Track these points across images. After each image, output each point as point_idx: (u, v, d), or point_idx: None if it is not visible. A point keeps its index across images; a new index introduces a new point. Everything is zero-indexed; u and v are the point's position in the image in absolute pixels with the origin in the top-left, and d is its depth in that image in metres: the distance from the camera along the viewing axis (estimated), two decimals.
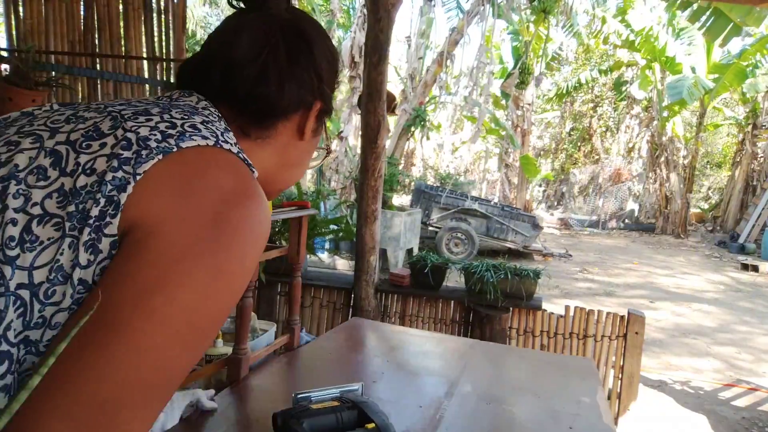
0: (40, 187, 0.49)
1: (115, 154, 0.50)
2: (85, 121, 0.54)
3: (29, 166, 0.50)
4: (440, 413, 1.15)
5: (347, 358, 1.58)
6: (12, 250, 0.47)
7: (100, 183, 0.49)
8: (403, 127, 10.11)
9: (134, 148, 0.51)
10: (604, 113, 20.18)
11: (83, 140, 0.51)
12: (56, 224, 0.48)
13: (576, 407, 1.23)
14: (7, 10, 2.96)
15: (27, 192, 0.48)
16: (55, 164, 0.50)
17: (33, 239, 0.47)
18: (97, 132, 0.52)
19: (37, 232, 0.48)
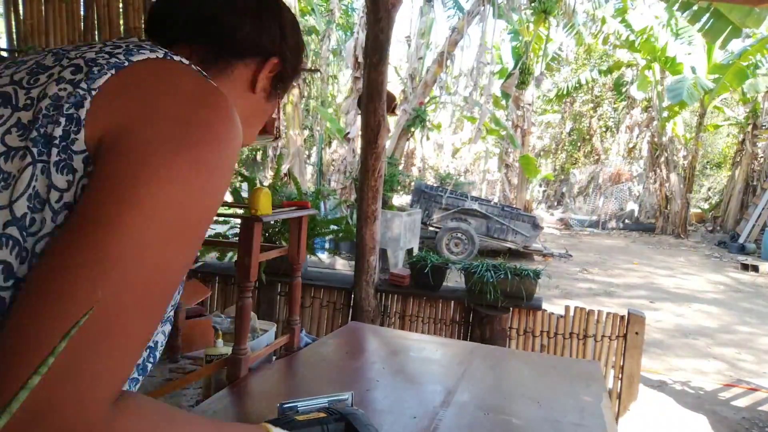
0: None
1: (65, 78, 0.50)
2: (26, 62, 0.55)
3: None
4: (435, 424, 1.13)
5: (343, 364, 1.57)
6: None
7: (57, 106, 0.49)
8: (403, 127, 10.11)
9: (84, 69, 0.51)
10: (604, 113, 20.17)
11: (29, 77, 0.52)
12: (23, 155, 0.48)
13: (579, 416, 1.21)
14: (7, 10, 2.96)
15: None
16: (5, 104, 0.50)
17: (5, 177, 0.47)
18: (41, 67, 0.53)
19: (6, 168, 0.47)
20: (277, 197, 3.68)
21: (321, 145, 13.45)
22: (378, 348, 1.75)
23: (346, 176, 9.77)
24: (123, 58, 0.53)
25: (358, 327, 1.97)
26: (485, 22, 8.78)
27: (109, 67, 0.51)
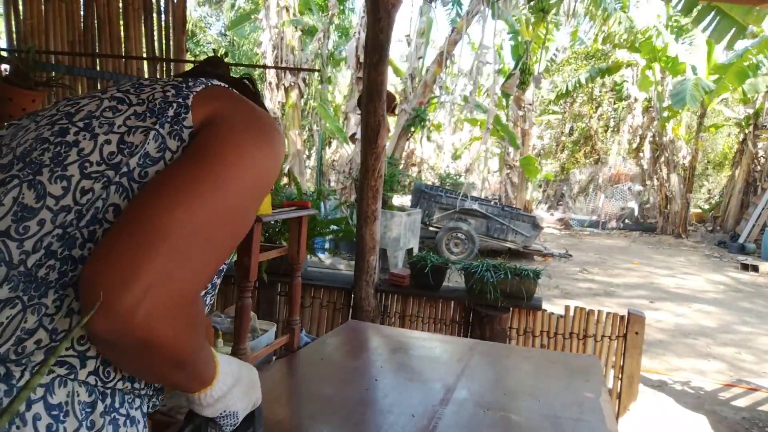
0: (119, 114, 0.67)
1: (167, 89, 0.70)
2: (123, 84, 0.74)
3: (100, 108, 0.68)
4: (434, 423, 1.12)
5: (342, 363, 1.56)
6: (114, 159, 0.63)
7: (166, 100, 0.68)
8: (403, 127, 10.11)
9: (181, 84, 0.71)
10: (605, 113, 20.17)
11: (134, 89, 0.71)
12: (142, 130, 0.65)
13: (578, 411, 1.20)
14: (7, 10, 2.96)
15: (108, 121, 0.66)
16: (122, 102, 0.69)
17: (129, 145, 0.64)
18: (141, 85, 0.72)
19: (129, 140, 0.64)
20: (277, 197, 3.68)
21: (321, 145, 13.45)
22: (377, 346, 1.74)
23: (346, 176, 9.77)
24: (205, 80, 0.74)
25: (358, 325, 1.96)
26: (485, 22, 8.78)
27: (199, 83, 0.72)
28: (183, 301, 0.55)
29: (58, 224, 0.59)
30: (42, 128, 0.67)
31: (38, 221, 0.59)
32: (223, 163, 0.62)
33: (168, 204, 0.56)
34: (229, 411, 0.73)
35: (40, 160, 0.62)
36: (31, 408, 0.55)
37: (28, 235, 0.58)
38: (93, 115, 0.67)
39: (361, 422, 1.12)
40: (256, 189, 0.66)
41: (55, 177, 0.61)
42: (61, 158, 0.62)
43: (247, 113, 0.70)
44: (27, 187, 0.60)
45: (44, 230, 0.58)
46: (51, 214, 0.59)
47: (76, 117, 0.67)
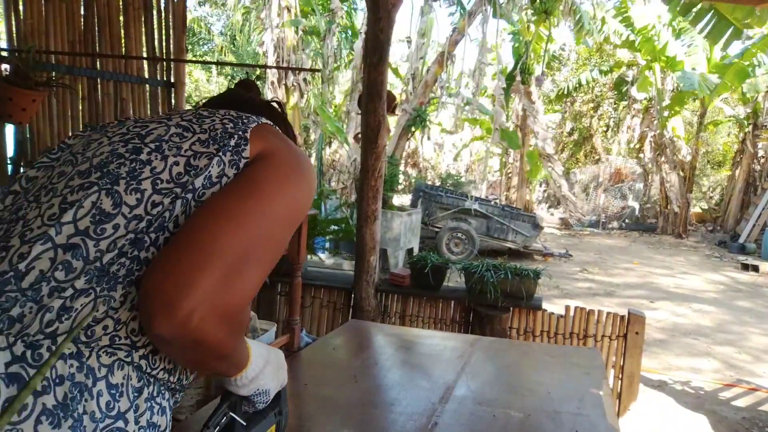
0: (185, 140, 0.76)
1: (225, 123, 0.78)
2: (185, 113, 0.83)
3: (168, 134, 0.76)
4: (434, 420, 1.12)
5: (344, 362, 1.56)
6: (181, 179, 0.71)
7: (226, 130, 0.76)
8: (403, 127, 10.10)
9: (237, 119, 0.80)
10: (605, 113, 20.16)
11: (196, 119, 0.80)
12: (206, 156, 0.73)
13: (578, 406, 1.20)
14: (7, 10, 2.96)
15: (176, 145, 0.75)
16: (187, 130, 0.77)
17: (195, 168, 0.72)
18: (203, 117, 0.81)
19: (194, 163, 0.73)
20: None
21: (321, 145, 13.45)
22: (379, 345, 1.74)
23: (347, 176, 9.76)
24: (256, 119, 0.82)
25: (359, 325, 1.96)
26: (486, 23, 8.78)
27: (252, 121, 0.80)
28: (232, 310, 0.65)
29: (131, 230, 0.67)
30: (116, 144, 0.76)
31: (113, 225, 0.67)
32: (268, 198, 0.72)
33: (224, 229, 0.66)
34: (262, 389, 0.83)
35: (117, 172, 0.71)
36: (96, 385, 0.63)
37: (105, 236, 0.66)
38: (162, 138, 0.76)
39: (362, 421, 1.13)
40: (292, 218, 0.76)
41: (130, 189, 0.69)
42: (136, 173, 0.71)
43: (289, 153, 0.80)
44: (105, 195, 0.69)
45: (118, 234, 0.67)
46: (125, 221, 0.67)
47: (148, 139, 0.76)
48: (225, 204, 0.69)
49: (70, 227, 0.66)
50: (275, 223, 0.72)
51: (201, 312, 0.60)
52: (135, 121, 0.82)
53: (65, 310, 0.62)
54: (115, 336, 0.65)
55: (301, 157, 0.82)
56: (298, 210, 0.77)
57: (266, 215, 0.71)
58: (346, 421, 1.10)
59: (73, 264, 0.64)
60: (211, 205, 0.70)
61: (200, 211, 0.69)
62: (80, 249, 0.65)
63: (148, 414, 0.69)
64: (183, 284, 0.60)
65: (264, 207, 0.71)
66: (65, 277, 0.64)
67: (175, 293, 0.60)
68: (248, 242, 0.67)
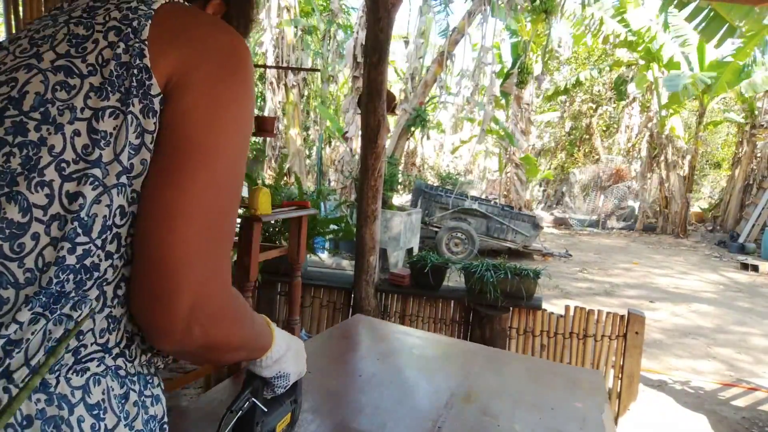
0: (74, 92, 0.58)
1: (113, 41, 0.59)
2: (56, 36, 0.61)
3: (49, 88, 0.58)
4: (438, 425, 1.13)
5: (346, 358, 1.56)
6: (91, 155, 0.56)
7: (122, 63, 0.58)
8: (403, 126, 10.11)
9: (124, 27, 0.60)
10: (604, 113, 20.17)
11: (73, 48, 0.60)
12: (111, 113, 0.57)
13: (581, 427, 1.20)
14: (7, 10, 2.96)
15: (66, 103, 0.57)
16: (70, 73, 0.58)
17: (104, 134, 0.57)
18: (78, 37, 0.61)
19: (101, 127, 0.57)
20: (277, 197, 3.68)
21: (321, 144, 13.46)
22: (382, 344, 1.74)
23: (346, 176, 9.77)
24: (146, 8, 0.62)
25: (363, 320, 1.96)
26: (485, 23, 8.78)
27: (144, 19, 0.60)
28: (223, 303, 0.61)
29: (58, 237, 0.55)
30: None
31: (32, 235, 0.54)
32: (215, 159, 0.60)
33: (186, 231, 0.57)
34: (283, 372, 0.82)
35: (9, 167, 0.55)
36: (74, 412, 0.55)
37: (26, 252, 0.54)
38: (45, 99, 0.57)
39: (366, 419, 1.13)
40: (245, 146, 0.65)
41: (34, 185, 0.55)
42: (33, 162, 0.55)
43: (216, 56, 0.62)
44: (6, 201, 0.54)
45: (41, 243, 0.55)
46: (43, 226, 0.55)
47: (26, 104, 0.57)
48: (174, 198, 0.57)
49: None
50: (233, 179, 0.62)
51: (197, 323, 0.57)
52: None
53: (12, 344, 0.52)
54: (81, 348, 0.57)
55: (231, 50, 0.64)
56: (247, 134, 0.65)
57: (223, 181, 0.60)
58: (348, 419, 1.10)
59: (3, 295, 0.53)
60: (158, 202, 0.58)
61: (150, 213, 0.58)
62: (2, 275, 0.53)
63: (141, 413, 0.64)
64: (168, 306, 0.56)
65: (218, 174, 0.60)
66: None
67: (164, 317, 0.56)
68: (215, 227, 0.59)
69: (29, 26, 0.66)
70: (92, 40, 0.60)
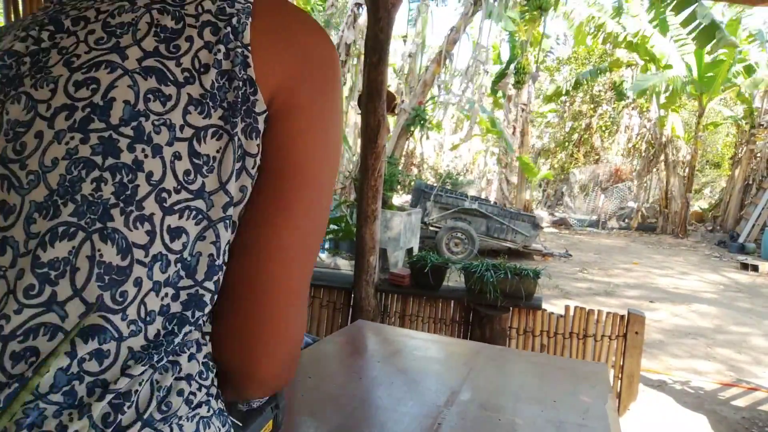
0: (170, 107, 0.47)
1: (210, 41, 0.49)
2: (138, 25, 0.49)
3: (140, 96, 0.47)
4: (438, 422, 1.12)
5: (348, 362, 1.56)
6: (194, 183, 0.47)
7: (224, 72, 0.48)
8: (403, 126, 10.11)
9: (222, 24, 0.49)
10: (604, 113, 20.17)
11: (163, 45, 0.48)
12: (214, 134, 0.48)
13: (584, 417, 1.20)
14: (7, 10, 2.96)
15: (162, 120, 0.47)
16: (163, 78, 0.47)
17: (206, 160, 0.48)
18: (167, 30, 0.49)
19: (203, 151, 0.47)
20: None
21: None
22: (383, 347, 1.74)
23: (345, 176, 9.76)
24: (244, 0, 0.51)
25: (364, 325, 1.96)
26: (482, 21, 8.79)
27: (244, 15, 0.50)
28: (299, 348, 0.58)
29: (161, 280, 0.47)
30: (67, 137, 0.46)
31: (134, 281, 0.45)
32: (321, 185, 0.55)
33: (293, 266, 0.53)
34: None
35: (101, 198, 0.45)
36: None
37: (128, 301, 0.45)
38: (137, 111, 0.46)
39: (364, 420, 1.12)
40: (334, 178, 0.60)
41: (133, 220, 0.45)
42: (129, 192, 0.45)
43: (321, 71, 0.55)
44: (101, 240, 0.45)
45: (143, 289, 0.46)
46: (145, 269, 0.46)
47: (113, 116, 0.46)
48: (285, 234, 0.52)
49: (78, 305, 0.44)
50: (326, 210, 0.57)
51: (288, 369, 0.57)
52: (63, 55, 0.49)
53: (124, 396, 0.45)
54: (191, 396, 0.50)
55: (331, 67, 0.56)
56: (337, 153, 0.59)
57: (321, 214, 0.56)
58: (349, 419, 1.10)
59: (103, 348, 0.45)
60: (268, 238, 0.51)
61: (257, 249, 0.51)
62: (105, 331, 0.45)
63: None
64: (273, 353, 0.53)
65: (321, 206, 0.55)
66: (100, 368, 0.45)
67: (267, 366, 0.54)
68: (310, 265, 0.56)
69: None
70: (185, 36, 0.49)
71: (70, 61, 0.48)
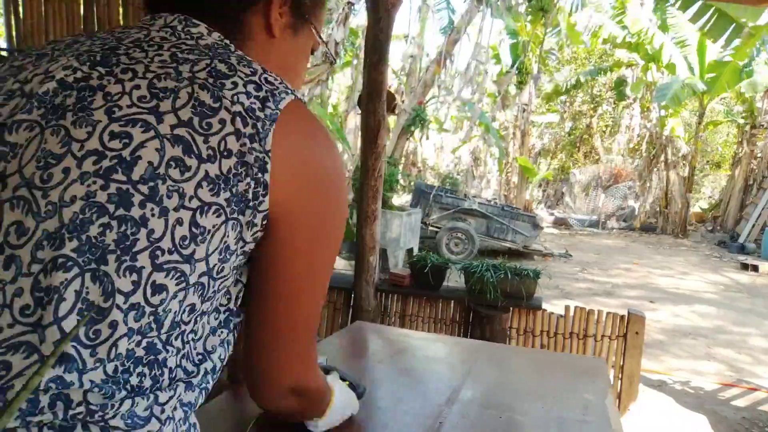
0: (187, 178, 0.51)
1: (240, 131, 0.53)
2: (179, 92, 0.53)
3: (163, 162, 0.50)
4: (440, 421, 1.13)
5: (348, 363, 1.56)
6: (186, 249, 0.51)
7: (244, 163, 0.53)
8: (403, 127, 10.11)
9: (250, 121, 0.54)
10: (605, 113, 20.18)
11: (198, 118, 0.52)
12: (216, 211, 0.52)
13: (583, 412, 1.21)
14: (7, 10, 2.96)
15: (176, 187, 0.50)
16: (188, 151, 0.51)
17: (202, 231, 0.52)
18: (204, 106, 0.53)
19: (203, 223, 0.52)
20: None
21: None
22: (383, 347, 1.74)
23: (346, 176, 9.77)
24: (273, 107, 0.55)
25: (364, 326, 1.96)
26: (483, 22, 8.80)
27: (269, 122, 0.55)
28: (317, 385, 0.80)
29: (134, 329, 0.50)
30: (89, 180, 0.49)
31: (110, 323, 0.49)
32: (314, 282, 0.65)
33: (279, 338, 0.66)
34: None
35: (103, 242, 0.48)
36: None
37: (100, 340, 0.49)
38: (157, 174, 0.50)
39: (365, 421, 1.12)
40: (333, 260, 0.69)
41: (124, 269, 0.49)
42: (129, 243, 0.49)
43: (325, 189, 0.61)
44: (91, 280, 0.48)
45: (117, 333, 0.49)
46: (122, 315, 0.49)
47: (136, 173, 0.49)
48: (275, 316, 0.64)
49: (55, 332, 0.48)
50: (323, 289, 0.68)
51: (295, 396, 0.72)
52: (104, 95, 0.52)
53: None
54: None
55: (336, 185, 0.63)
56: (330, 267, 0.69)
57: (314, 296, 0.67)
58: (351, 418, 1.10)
59: (66, 379, 0.48)
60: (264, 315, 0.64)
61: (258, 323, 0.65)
62: (73, 361, 0.48)
63: None
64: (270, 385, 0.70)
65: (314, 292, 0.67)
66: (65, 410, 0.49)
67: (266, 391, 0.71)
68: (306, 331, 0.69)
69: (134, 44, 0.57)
70: (218, 118, 0.53)
71: (112, 110, 0.51)
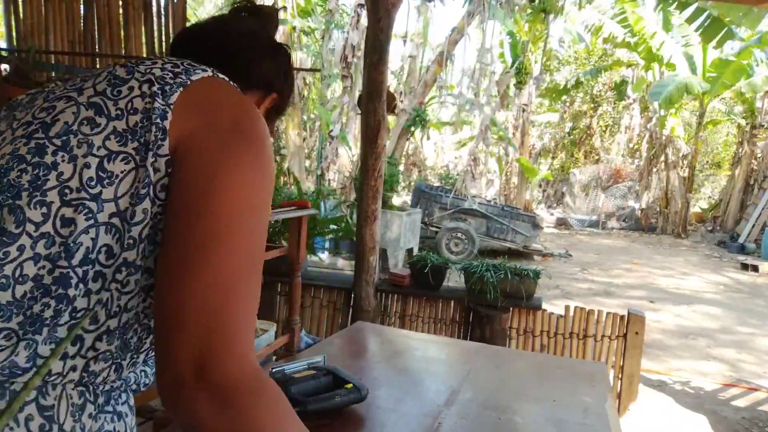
0: (96, 130, 0.61)
1: (145, 92, 0.63)
2: (101, 74, 0.67)
3: (77, 120, 0.62)
4: (439, 422, 1.12)
5: (348, 364, 1.56)
6: (93, 189, 0.59)
7: (147, 117, 0.62)
8: (403, 127, 10.10)
9: (156, 85, 0.64)
10: (605, 113, 20.16)
11: (111, 88, 0.64)
12: (124, 158, 0.61)
13: (583, 416, 1.20)
14: (7, 10, 2.96)
15: (86, 139, 0.61)
16: (99, 112, 0.62)
17: (109, 175, 0.60)
18: (118, 79, 0.65)
19: (110, 168, 0.60)
20: (277, 197, 3.68)
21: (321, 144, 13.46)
22: (383, 348, 1.74)
23: (345, 176, 9.76)
24: (185, 77, 0.66)
25: (364, 327, 1.96)
26: (485, 23, 8.79)
27: (177, 85, 0.64)
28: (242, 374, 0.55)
29: (43, 255, 0.57)
30: (18, 141, 0.62)
31: (18, 247, 0.57)
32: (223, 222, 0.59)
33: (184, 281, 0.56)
34: None
35: (19, 182, 0.59)
36: (24, 410, 0.58)
37: (8, 260, 0.56)
38: (70, 129, 0.61)
39: (365, 421, 1.13)
40: (259, 212, 0.63)
41: (35, 202, 0.58)
42: (40, 182, 0.59)
43: (225, 122, 0.64)
44: (8, 212, 0.58)
45: (23, 256, 0.57)
46: (30, 240, 0.57)
47: (53, 130, 0.61)
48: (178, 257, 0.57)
49: None
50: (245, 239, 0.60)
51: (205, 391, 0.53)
52: (45, 97, 0.67)
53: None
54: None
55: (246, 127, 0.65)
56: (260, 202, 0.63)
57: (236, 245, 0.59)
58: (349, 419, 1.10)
59: None
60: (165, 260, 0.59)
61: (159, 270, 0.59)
62: None
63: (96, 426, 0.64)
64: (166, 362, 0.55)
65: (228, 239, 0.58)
66: None
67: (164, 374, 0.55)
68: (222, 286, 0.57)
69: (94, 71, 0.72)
70: (128, 85, 0.64)
71: (48, 97, 0.67)
